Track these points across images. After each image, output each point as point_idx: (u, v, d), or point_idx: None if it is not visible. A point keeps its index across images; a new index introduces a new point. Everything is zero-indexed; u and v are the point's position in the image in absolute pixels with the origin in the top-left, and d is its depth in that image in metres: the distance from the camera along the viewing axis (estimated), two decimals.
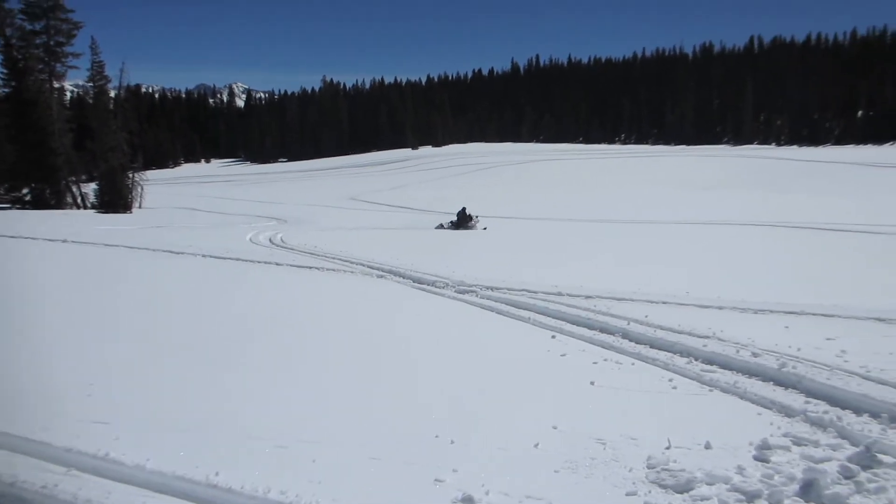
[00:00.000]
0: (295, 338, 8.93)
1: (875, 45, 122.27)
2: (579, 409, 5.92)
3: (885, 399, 5.64)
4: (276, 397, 6.38)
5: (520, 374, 7.04)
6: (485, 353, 8.01)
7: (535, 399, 6.23)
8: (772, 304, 10.20)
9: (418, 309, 10.91)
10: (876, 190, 41.46)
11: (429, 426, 5.49)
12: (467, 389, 6.55)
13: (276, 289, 12.85)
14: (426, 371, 7.27)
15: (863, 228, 21.92)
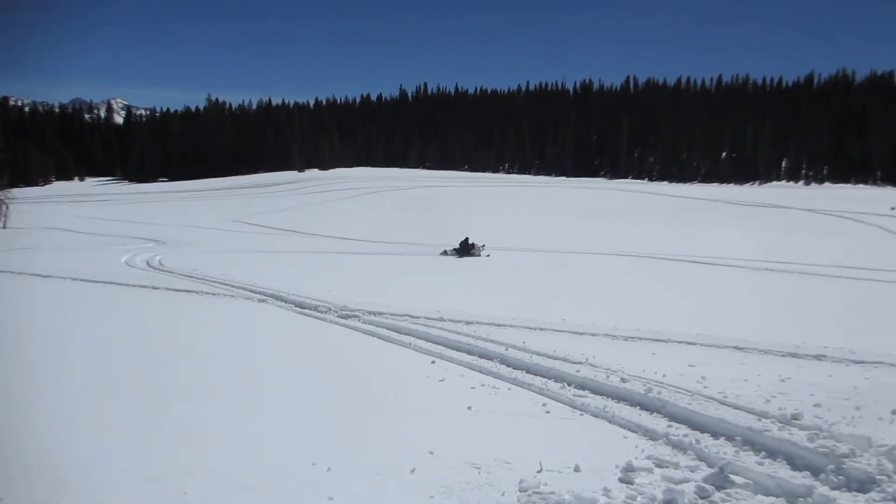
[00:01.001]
0: (165, 365, 8.62)
1: (738, 91, 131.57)
2: (456, 433, 6.00)
3: (740, 423, 6.02)
4: (144, 427, 6.13)
5: (399, 400, 7.06)
6: (365, 378, 7.99)
7: (413, 424, 6.27)
8: (642, 331, 10.72)
9: (299, 334, 10.76)
10: (737, 226, 44.31)
11: (305, 453, 5.41)
12: (345, 416, 6.51)
13: (150, 314, 12.38)
14: (304, 397, 7.17)
15: (726, 262, 23.37)
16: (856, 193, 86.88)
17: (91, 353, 9.11)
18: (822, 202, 64.11)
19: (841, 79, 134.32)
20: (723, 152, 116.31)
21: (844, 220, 49.80)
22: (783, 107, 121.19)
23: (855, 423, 6.12)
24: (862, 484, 5.04)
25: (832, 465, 5.18)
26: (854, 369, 8.64)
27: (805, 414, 6.26)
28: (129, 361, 8.69)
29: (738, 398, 6.79)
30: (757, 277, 20.04)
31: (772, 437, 5.69)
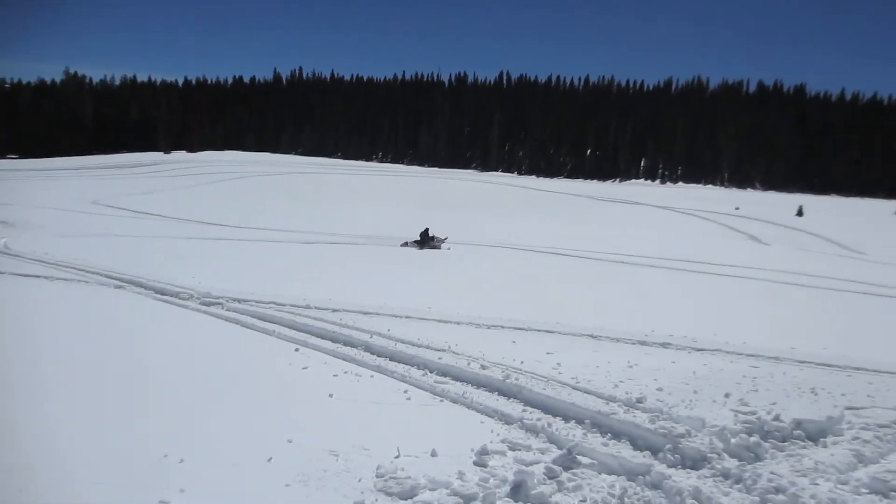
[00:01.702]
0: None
1: (603, 92, 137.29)
2: (316, 422, 5.99)
3: (590, 407, 6.35)
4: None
5: (259, 389, 6.95)
6: (225, 367, 7.80)
7: (272, 413, 6.19)
8: (504, 320, 11.04)
9: (154, 322, 10.34)
10: (597, 220, 46.33)
11: (157, 445, 5.23)
12: (202, 406, 6.34)
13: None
14: (159, 388, 6.90)
15: (586, 255, 24.41)
16: (706, 193, 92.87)
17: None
18: (676, 200, 68.07)
19: (696, 85, 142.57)
20: (588, 149, 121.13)
21: (695, 218, 53.12)
22: (644, 109, 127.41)
23: (692, 406, 6.59)
24: (695, 462, 5.45)
25: (670, 444, 5.58)
26: (695, 356, 9.29)
27: (649, 397, 6.68)
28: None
29: (589, 383, 7.14)
30: (613, 270, 21.06)
31: (617, 419, 6.04)
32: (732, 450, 5.67)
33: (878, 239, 45.87)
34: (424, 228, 26.08)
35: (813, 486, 5.14)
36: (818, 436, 6.24)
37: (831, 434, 6.31)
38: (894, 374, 9.02)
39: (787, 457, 5.78)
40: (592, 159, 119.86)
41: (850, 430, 6.39)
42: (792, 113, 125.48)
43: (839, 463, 5.65)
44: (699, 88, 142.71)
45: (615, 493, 4.51)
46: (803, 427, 6.26)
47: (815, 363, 9.36)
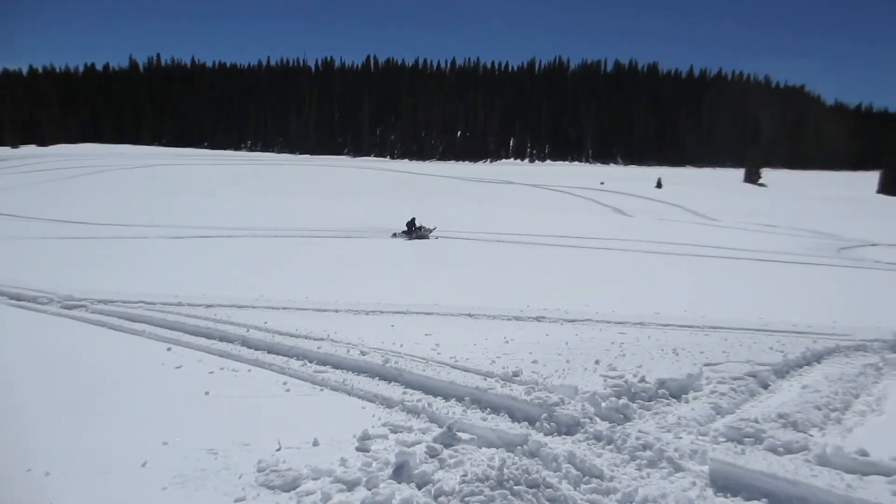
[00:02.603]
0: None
1: (470, 74, 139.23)
2: (192, 421, 5.81)
3: (468, 384, 6.49)
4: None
5: (129, 392, 6.65)
6: (89, 373, 7.39)
7: (144, 416, 5.95)
8: (383, 305, 11.08)
9: (12, 330, 9.67)
10: (473, 201, 47.08)
11: (19, 460, 4.93)
12: (67, 415, 5.99)
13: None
14: (17, 400, 6.48)
15: (463, 235, 24.81)
16: (572, 170, 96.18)
17: None
18: (545, 178, 70.13)
19: (558, 66, 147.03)
20: (458, 132, 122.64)
21: (564, 194, 54.96)
22: (510, 90, 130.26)
23: (565, 375, 6.88)
24: (569, 427, 5.70)
25: (545, 413, 5.80)
26: (567, 327, 9.68)
27: (524, 370, 6.92)
28: None
29: (467, 361, 7.30)
30: (489, 249, 21.53)
31: (495, 394, 6.22)
32: (603, 413, 5.97)
33: (730, 206, 49.13)
34: (411, 218, 25.37)
35: (676, 439, 5.50)
36: (680, 393, 6.67)
37: (692, 390, 6.76)
38: (746, 330, 9.75)
39: (653, 415, 6.15)
40: (463, 141, 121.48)
41: (708, 385, 6.86)
42: (646, 90, 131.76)
43: (699, 416, 6.07)
44: (561, 69, 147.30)
45: (495, 464, 4.64)
46: (667, 386, 6.67)
47: (677, 325, 9.96)
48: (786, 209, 48.69)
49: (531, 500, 4.44)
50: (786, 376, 7.57)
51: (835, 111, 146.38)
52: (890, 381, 7.53)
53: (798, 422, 5.91)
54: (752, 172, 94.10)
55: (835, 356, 8.56)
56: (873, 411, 6.45)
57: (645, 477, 4.94)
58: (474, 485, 4.49)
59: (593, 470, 4.91)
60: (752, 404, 6.59)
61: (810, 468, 4.82)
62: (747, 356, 7.89)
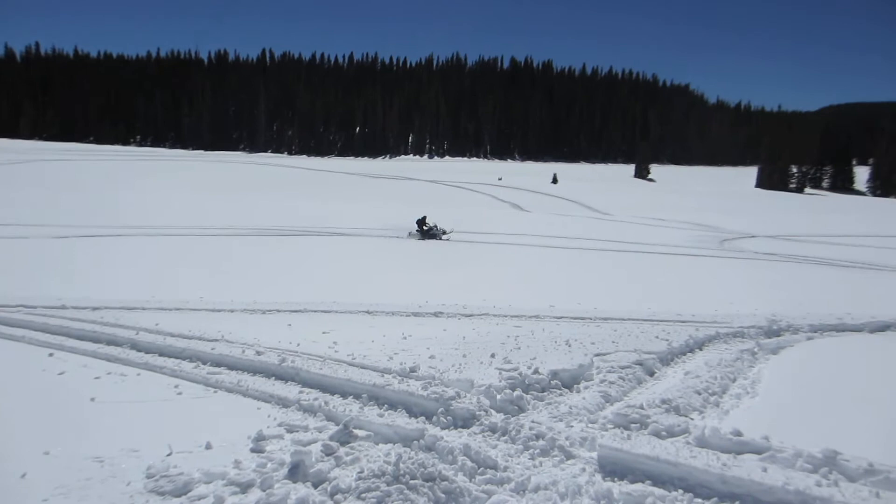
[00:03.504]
0: None
1: (368, 69, 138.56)
2: (77, 429, 5.57)
3: (366, 381, 6.50)
4: None
5: (5, 401, 6.31)
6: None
7: (23, 426, 5.65)
8: (279, 304, 10.92)
9: None
10: (374, 197, 46.91)
11: None
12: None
13: None
14: None
15: (364, 233, 24.70)
16: (471, 166, 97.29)
17: None
18: (444, 174, 70.65)
19: (455, 62, 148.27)
20: (356, 127, 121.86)
21: (462, 190, 55.53)
22: (409, 86, 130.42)
23: (462, 369, 7.00)
24: (465, 420, 5.81)
25: (442, 408, 5.89)
26: (465, 322, 9.83)
27: (422, 366, 6.99)
28: None
29: (365, 358, 7.30)
30: (389, 246, 21.53)
31: (392, 390, 6.26)
32: (498, 405, 6.11)
33: (622, 201, 50.91)
34: (421, 216, 24.55)
35: (568, 428, 5.70)
36: (572, 383, 6.90)
37: (583, 380, 7.01)
38: (635, 320, 10.18)
39: (546, 405, 6.34)
40: (362, 136, 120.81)
41: (598, 375, 7.12)
42: (542, 87, 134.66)
43: (590, 405, 6.30)
44: (458, 65, 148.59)
45: (391, 460, 4.68)
46: (559, 377, 6.89)
47: (570, 317, 10.29)
48: (673, 203, 50.91)
49: (427, 494, 4.50)
50: (670, 363, 7.96)
51: (717, 109, 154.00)
52: (764, 365, 8.03)
53: (680, 406, 6.23)
54: (642, 168, 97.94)
55: (715, 343, 9.06)
56: (748, 394, 6.87)
57: (538, 465, 5.10)
58: (370, 481, 4.51)
59: (488, 461, 5.03)
60: (639, 391, 6.89)
61: (690, 450, 5.09)
62: (635, 345, 8.24)
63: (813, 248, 25.80)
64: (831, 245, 27.82)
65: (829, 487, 4.54)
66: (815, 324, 10.44)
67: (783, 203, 63.66)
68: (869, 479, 4.81)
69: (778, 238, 30.38)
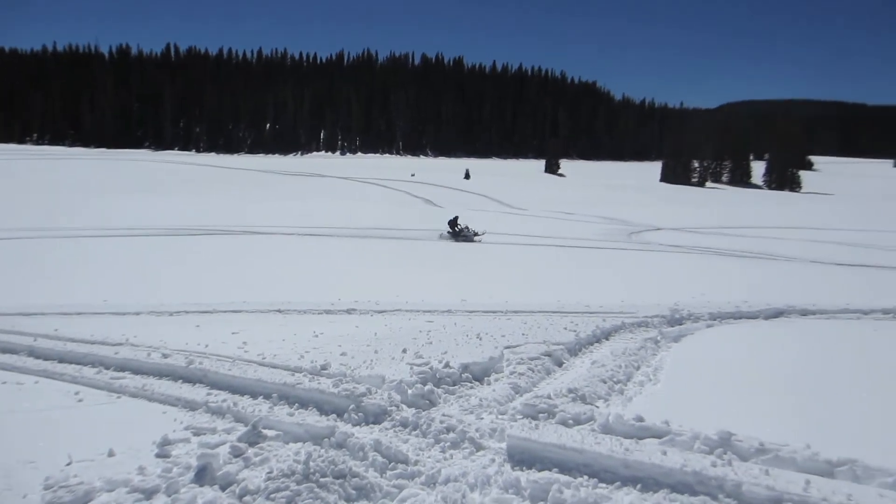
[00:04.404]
0: None
1: (278, 65, 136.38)
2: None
3: (276, 381, 6.43)
4: None
5: None
6: None
7: None
8: (188, 305, 10.67)
9: None
10: (287, 195, 46.17)
11: None
12: None
13: None
14: None
15: (277, 230, 24.29)
16: (384, 162, 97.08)
17: None
18: (357, 171, 70.26)
19: (366, 58, 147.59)
20: (266, 124, 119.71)
21: (376, 186, 55.35)
22: (320, 82, 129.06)
23: (373, 365, 7.02)
24: (377, 416, 5.84)
25: (353, 404, 5.89)
26: (377, 318, 9.85)
27: (333, 363, 6.97)
28: None
29: (275, 357, 7.23)
30: (303, 243, 21.27)
31: (303, 388, 6.22)
32: (410, 400, 6.15)
33: (533, 195, 51.84)
34: (453, 217, 23.72)
35: (478, 420, 5.80)
36: (483, 375, 7.02)
37: (493, 372, 7.14)
38: (544, 312, 10.42)
39: (457, 398, 6.43)
40: (272, 133, 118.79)
41: (508, 367, 7.27)
42: (453, 84, 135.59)
43: (500, 396, 6.43)
44: (369, 61, 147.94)
45: (301, 458, 4.65)
46: (470, 370, 7.00)
47: (482, 311, 10.45)
48: (582, 198, 52.18)
49: (338, 491, 4.51)
50: (578, 354, 8.20)
51: (623, 106, 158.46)
52: (666, 353, 8.37)
53: (586, 395, 6.43)
54: (552, 164, 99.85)
55: (621, 333, 9.38)
56: (650, 381, 7.15)
57: (448, 458, 5.17)
58: (280, 481, 4.48)
59: (399, 456, 5.08)
60: (548, 382, 7.08)
61: (595, 437, 5.27)
62: (544, 337, 8.45)
63: (714, 240, 26.93)
64: (730, 236, 29.12)
65: (723, 467, 4.78)
66: (714, 312, 10.95)
67: (686, 196, 66.18)
68: (760, 458, 5.09)
69: (682, 230, 31.56)
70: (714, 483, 4.64)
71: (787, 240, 28.36)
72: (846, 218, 42.88)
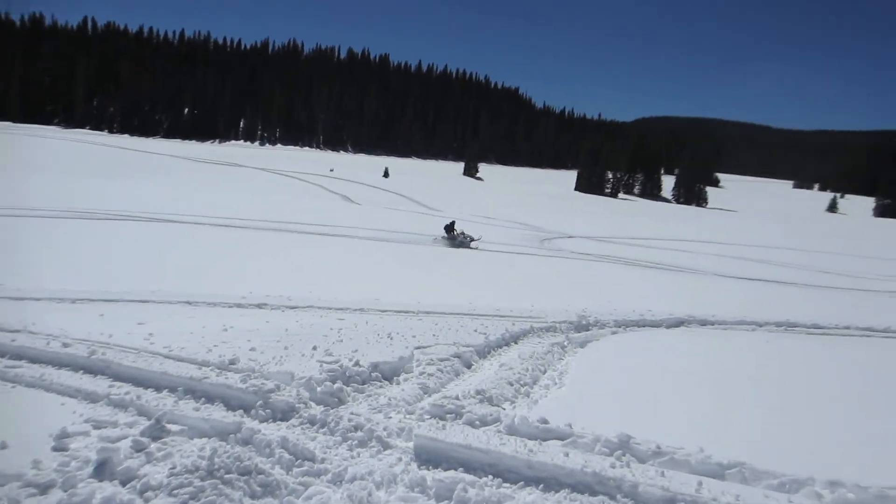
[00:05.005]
0: None
1: (200, 48, 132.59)
2: None
3: (182, 374, 6.33)
4: None
5: None
6: None
7: None
8: (91, 293, 10.30)
9: None
10: (203, 183, 44.99)
11: None
12: None
13: None
14: None
15: (190, 219, 23.65)
16: (303, 155, 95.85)
17: None
18: (276, 163, 69.18)
19: (292, 48, 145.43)
20: (185, 108, 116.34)
21: (294, 180, 54.62)
22: (242, 69, 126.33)
23: (282, 362, 6.99)
24: (285, 413, 5.82)
25: (261, 400, 5.86)
26: (289, 314, 9.76)
27: (242, 358, 6.90)
28: None
29: (182, 350, 7.09)
30: (215, 234, 20.78)
31: (210, 383, 6.14)
32: (318, 397, 6.16)
33: (451, 198, 52.21)
34: (450, 221, 23.32)
35: (386, 419, 5.86)
36: (392, 375, 7.09)
37: (403, 372, 7.21)
38: (456, 314, 10.56)
39: (366, 397, 6.47)
40: (191, 118, 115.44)
41: (418, 367, 7.36)
42: (377, 80, 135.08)
43: (408, 396, 6.51)
44: (295, 52, 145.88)
45: (205, 454, 4.60)
46: (380, 369, 7.06)
47: (394, 311, 10.50)
48: (499, 202, 52.89)
49: (243, 488, 4.49)
50: (487, 356, 8.37)
51: (543, 114, 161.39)
52: (572, 357, 8.63)
53: (493, 397, 6.59)
54: (471, 167, 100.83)
55: (529, 336, 9.61)
56: (556, 384, 7.37)
57: (355, 456, 5.22)
58: (183, 477, 4.43)
59: (306, 453, 5.09)
60: (456, 383, 7.20)
61: (500, 438, 5.42)
62: (454, 338, 8.58)
63: (623, 250, 27.79)
64: (639, 247, 30.09)
65: (621, 469, 5.00)
66: (619, 319, 11.33)
67: (599, 206, 68.00)
68: (657, 460, 5.35)
69: (592, 239, 32.42)
70: (613, 484, 4.85)
71: (693, 253, 29.53)
72: (748, 234, 45.00)
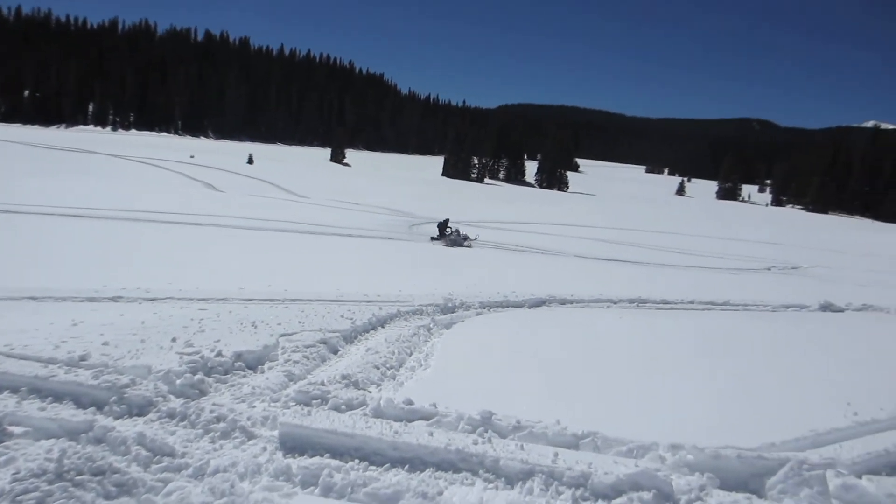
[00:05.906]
0: None
1: (40, 26, 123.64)
2: None
3: (25, 373, 5.92)
4: None
5: None
6: None
7: None
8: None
9: None
10: (49, 172, 42.05)
11: None
12: None
13: None
14: None
15: (36, 210, 22.05)
16: (160, 141, 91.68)
17: None
18: (130, 149, 65.81)
19: (144, 28, 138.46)
20: (25, 91, 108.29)
21: (151, 167, 52.13)
22: (89, 49, 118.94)
23: (139, 355, 6.68)
24: (141, 408, 5.59)
25: (115, 396, 5.60)
26: (146, 306, 9.34)
27: (93, 353, 6.55)
28: None
29: (26, 348, 6.64)
30: (64, 224, 19.51)
31: (58, 381, 5.79)
32: (178, 390, 5.95)
33: (318, 184, 51.57)
34: (444, 220, 22.26)
35: (250, 409, 5.75)
36: (257, 364, 6.95)
37: (268, 360, 7.09)
38: (323, 301, 10.47)
39: (229, 387, 6.32)
40: (32, 102, 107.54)
41: (283, 355, 7.26)
42: (238, 64, 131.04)
43: (273, 384, 6.40)
44: (147, 32, 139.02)
45: (53, 457, 4.34)
46: (243, 358, 6.90)
47: (259, 300, 10.27)
48: (367, 188, 52.67)
49: (96, 489, 4.29)
50: (353, 341, 8.37)
51: (408, 100, 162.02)
52: (438, 339, 8.77)
53: (359, 381, 6.60)
54: (338, 153, 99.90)
55: (396, 320, 9.69)
56: (422, 366, 7.47)
57: (218, 449, 5.09)
58: (28, 482, 4.17)
59: (165, 448, 4.92)
60: (322, 369, 7.16)
61: (366, 421, 5.44)
62: (321, 325, 8.52)
63: (490, 233, 28.36)
64: (506, 231, 30.86)
65: (483, 445, 5.15)
66: (484, 301, 11.62)
67: (466, 191, 69.04)
68: (517, 435, 5.54)
69: (462, 223, 32.91)
70: (475, 460, 4.99)
71: (555, 235, 30.60)
72: (605, 216, 47.12)
